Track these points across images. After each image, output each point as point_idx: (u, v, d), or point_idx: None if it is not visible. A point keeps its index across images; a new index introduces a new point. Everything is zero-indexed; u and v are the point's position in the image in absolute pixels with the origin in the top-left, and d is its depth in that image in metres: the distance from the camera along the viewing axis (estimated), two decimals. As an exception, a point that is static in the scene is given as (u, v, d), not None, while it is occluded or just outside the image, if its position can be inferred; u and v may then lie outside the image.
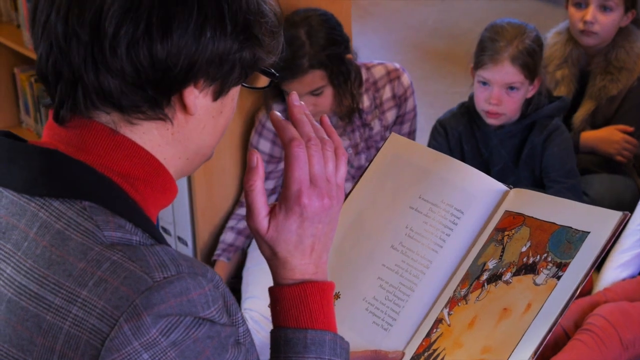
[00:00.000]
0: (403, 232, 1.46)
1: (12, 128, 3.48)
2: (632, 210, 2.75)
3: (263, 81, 1.20)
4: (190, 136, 1.10)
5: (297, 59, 2.60)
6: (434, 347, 1.36)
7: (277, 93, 2.74)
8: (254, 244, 2.92)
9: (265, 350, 1.17)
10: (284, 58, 1.17)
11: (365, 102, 2.81)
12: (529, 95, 2.68)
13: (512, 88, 2.63)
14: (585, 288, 2.80)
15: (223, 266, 2.89)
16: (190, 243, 3.00)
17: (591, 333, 2.32)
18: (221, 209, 2.99)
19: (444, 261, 1.43)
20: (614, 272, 2.60)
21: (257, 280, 2.76)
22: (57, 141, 1.07)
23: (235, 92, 1.12)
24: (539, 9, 4.37)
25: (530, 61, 2.62)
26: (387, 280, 1.44)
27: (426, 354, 1.36)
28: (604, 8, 2.98)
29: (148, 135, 1.07)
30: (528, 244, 1.37)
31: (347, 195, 1.51)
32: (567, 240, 1.34)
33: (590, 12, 2.98)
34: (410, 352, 1.38)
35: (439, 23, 5.32)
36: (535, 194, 1.45)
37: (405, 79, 2.87)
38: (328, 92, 2.69)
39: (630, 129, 3.02)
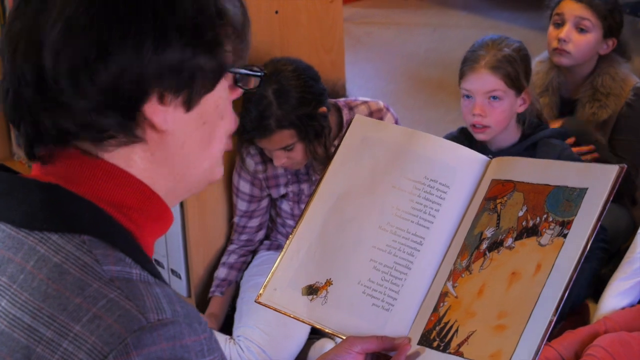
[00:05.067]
0: (389, 212, 1.45)
1: (5, 161, 3.46)
2: (626, 239, 2.75)
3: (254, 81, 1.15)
4: (171, 154, 1.06)
5: (264, 120, 2.54)
6: (444, 320, 1.35)
7: (251, 140, 2.70)
8: (246, 276, 2.91)
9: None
10: (252, 116, 1.13)
11: None
12: (519, 109, 2.65)
13: (494, 98, 2.60)
14: (585, 317, 2.78)
15: (219, 300, 2.88)
16: (183, 276, 2.97)
17: (591, 364, 2.30)
18: (215, 241, 2.97)
19: (437, 236, 1.43)
20: (613, 301, 2.59)
21: (252, 310, 2.74)
22: (47, 174, 1.05)
23: (215, 100, 1.07)
24: (532, 37, 4.38)
25: (511, 69, 2.59)
26: (380, 261, 1.43)
27: (437, 328, 1.35)
28: (580, 29, 3.00)
29: (130, 160, 1.04)
30: (524, 208, 1.37)
31: (318, 183, 1.50)
32: (566, 199, 1.34)
33: (565, 31, 3.00)
34: (419, 329, 1.38)
35: (431, 52, 5.33)
36: (517, 159, 1.45)
37: (389, 118, 2.82)
38: (299, 147, 2.64)
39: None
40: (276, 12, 2.83)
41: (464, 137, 2.76)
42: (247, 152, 2.78)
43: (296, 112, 2.57)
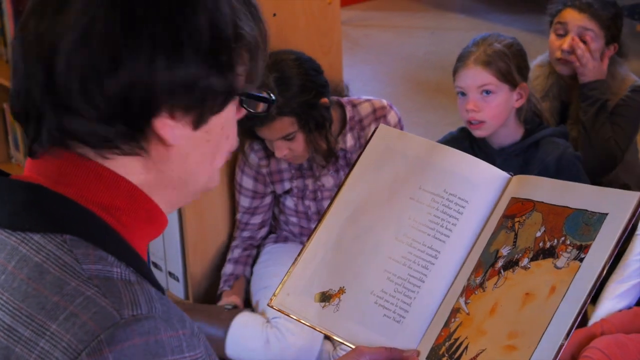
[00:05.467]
0: (407, 224, 1.45)
1: (2, 164, 3.46)
2: (625, 241, 2.74)
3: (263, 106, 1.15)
4: (173, 167, 1.06)
5: None
6: (454, 336, 1.34)
7: (254, 135, 2.71)
8: (255, 272, 2.91)
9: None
10: None
11: (349, 141, 2.76)
12: (517, 104, 2.63)
13: (487, 92, 2.59)
14: (582, 319, 2.78)
15: (228, 294, 2.88)
16: (181, 279, 2.97)
17: (588, 366, 2.30)
18: (213, 243, 2.97)
19: (453, 251, 1.42)
20: (610, 303, 2.59)
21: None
22: (37, 174, 1.05)
23: (222, 120, 1.07)
24: (530, 40, 4.38)
25: (502, 64, 2.58)
26: (394, 272, 1.43)
27: (447, 344, 1.34)
28: (584, 39, 2.99)
29: (128, 167, 1.04)
30: (542, 229, 1.36)
31: (338, 190, 1.50)
32: (585, 223, 1.33)
33: (568, 41, 2.98)
34: (429, 343, 1.37)
35: (429, 55, 5.33)
36: (538, 179, 1.44)
37: (393, 116, 2.82)
38: (300, 137, 2.64)
39: None
40: (274, 14, 2.83)
41: (464, 136, 2.75)
42: (250, 148, 2.79)
43: (297, 100, 2.57)
